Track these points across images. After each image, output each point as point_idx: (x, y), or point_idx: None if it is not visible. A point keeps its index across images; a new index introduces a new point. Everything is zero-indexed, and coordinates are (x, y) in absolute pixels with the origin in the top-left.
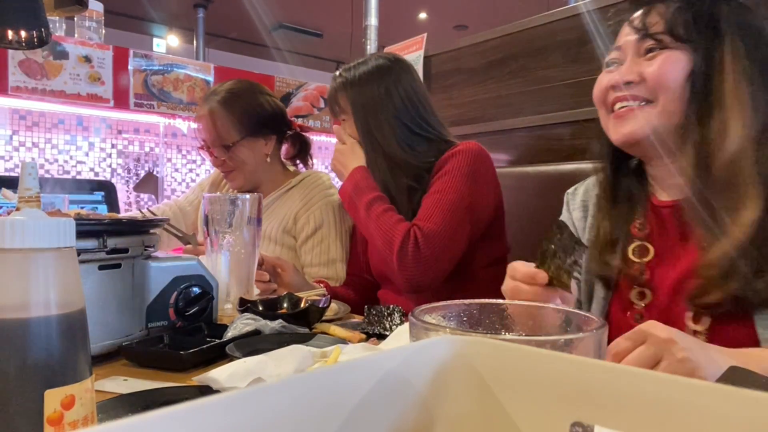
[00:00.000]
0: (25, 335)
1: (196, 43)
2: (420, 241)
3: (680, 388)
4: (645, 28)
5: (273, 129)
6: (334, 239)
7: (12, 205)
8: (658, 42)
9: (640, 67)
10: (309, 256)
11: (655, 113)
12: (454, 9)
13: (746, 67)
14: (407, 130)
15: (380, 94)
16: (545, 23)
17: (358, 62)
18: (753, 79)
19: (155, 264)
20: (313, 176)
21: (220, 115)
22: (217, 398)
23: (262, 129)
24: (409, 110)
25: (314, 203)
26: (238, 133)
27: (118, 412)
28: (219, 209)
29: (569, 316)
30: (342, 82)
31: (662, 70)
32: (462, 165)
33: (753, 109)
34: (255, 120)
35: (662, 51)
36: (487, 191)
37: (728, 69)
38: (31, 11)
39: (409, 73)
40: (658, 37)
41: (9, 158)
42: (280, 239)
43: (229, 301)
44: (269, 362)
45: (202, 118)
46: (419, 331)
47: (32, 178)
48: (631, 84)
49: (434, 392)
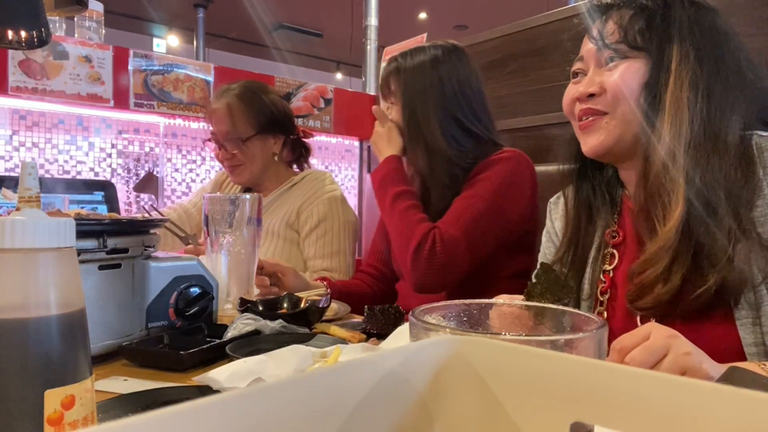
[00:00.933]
0: (25, 335)
1: (196, 43)
2: (438, 245)
3: (680, 388)
4: (602, 38)
5: (283, 129)
6: (337, 232)
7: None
8: (615, 51)
9: (601, 77)
10: (312, 249)
11: (614, 123)
12: (454, 9)
13: (694, 70)
14: (456, 124)
15: (432, 84)
16: (545, 23)
17: (416, 48)
18: (698, 83)
19: (155, 264)
20: (315, 174)
21: (237, 108)
22: (217, 398)
23: (273, 127)
24: (461, 103)
25: (317, 197)
26: (253, 127)
27: (118, 412)
28: (219, 209)
29: (569, 316)
30: (396, 66)
31: (621, 80)
32: (501, 174)
33: (690, 115)
34: (269, 118)
35: (621, 61)
36: (522, 205)
37: (673, 74)
38: (31, 11)
39: (467, 65)
40: (615, 46)
41: (9, 158)
42: (283, 234)
43: (229, 301)
44: (269, 362)
45: (216, 112)
46: (419, 331)
47: (32, 178)
48: (594, 96)
49: (434, 392)
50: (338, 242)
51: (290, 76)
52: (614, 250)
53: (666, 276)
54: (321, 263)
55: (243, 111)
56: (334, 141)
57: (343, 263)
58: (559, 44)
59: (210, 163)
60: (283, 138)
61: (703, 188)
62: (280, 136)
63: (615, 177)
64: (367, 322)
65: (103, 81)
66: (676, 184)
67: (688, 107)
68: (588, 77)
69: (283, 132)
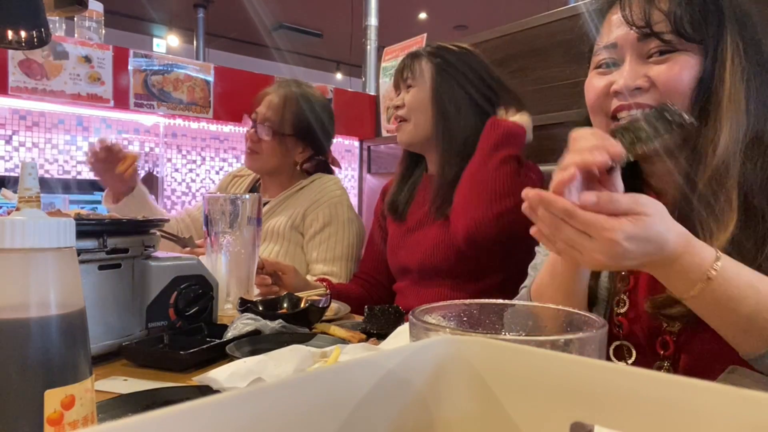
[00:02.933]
0: (25, 335)
1: (196, 43)
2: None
3: (680, 388)
4: (648, 26)
5: (314, 145)
6: (342, 238)
7: (12, 205)
8: (664, 42)
9: (647, 69)
10: (315, 252)
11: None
12: (454, 9)
13: (744, 63)
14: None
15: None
16: (545, 23)
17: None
18: (749, 76)
19: (155, 264)
20: (323, 178)
21: (291, 104)
22: (217, 398)
23: (307, 140)
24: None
25: (323, 201)
26: (293, 128)
27: (118, 412)
28: (219, 209)
29: (569, 316)
30: (431, 52)
31: (675, 75)
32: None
33: (746, 114)
34: (311, 130)
35: (672, 54)
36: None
37: (729, 69)
38: (31, 11)
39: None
40: (665, 37)
41: (9, 158)
42: (288, 235)
43: (229, 301)
44: (269, 362)
45: (270, 97)
46: (419, 331)
47: (32, 178)
48: (640, 90)
49: (434, 392)
50: (341, 247)
51: (290, 76)
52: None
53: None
54: (323, 267)
55: (293, 109)
56: (334, 141)
57: (345, 269)
58: (559, 44)
59: (210, 163)
60: (311, 152)
61: (759, 194)
62: (309, 150)
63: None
64: (367, 322)
65: (103, 81)
66: (729, 190)
67: (746, 104)
68: (628, 69)
69: (313, 147)
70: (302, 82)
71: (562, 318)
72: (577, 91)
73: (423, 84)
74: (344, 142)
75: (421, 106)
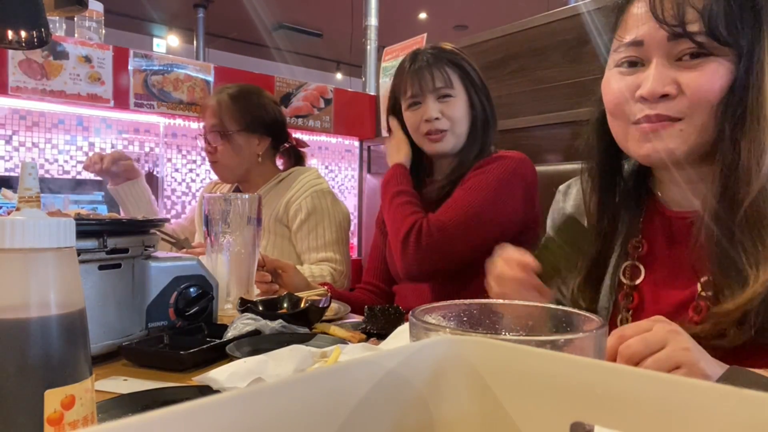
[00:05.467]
0: (25, 335)
1: (196, 44)
2: (424, 230)
3: (680, 388)
4: (681, 25)
5: (269, 132)
6: (329, 224)
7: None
8: (697, 45)
9: (676, 74)
10: (305, 242)
11: (690, 131)
12: (454, 9)
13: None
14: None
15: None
16: (545, 23)
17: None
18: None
19: (155, 264)
20: (301, 169)
21: (225, 105)
22: (217, 398)
23: (258, 129)
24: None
25: (304, 191)
26: (236, 124)
27: (118, 412)
28: (218, 209)
29: (569, 316)
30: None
31: (707, 83)
32: (503, 171)
33: None
34: (255, 119)
35: (704, 60)
36: (519, 205)
37: (766, 74)
38: (31, 11)
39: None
40: (698, 39)
41: (9, 158)
42: (273, 229)
43: (229, 301)
44: (269, 362)
45: (208, 107)
46: (419, 331)
47: (32, 178)
48: (667, 98)
49: (434, 392)
50: (330, 233)
51: (290, 76)
52: (640, 264)
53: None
54: (317, 255)
55: (230, 107)
56: (334, 141)
57: (340, 251)
58: (559, 44)
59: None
60: (269, 140)
61: None
62: (266, 138)
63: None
64: (367, 322)
65: (103, 81)
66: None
67: None
68: (655, 72)
69: (269, 135)
70: (228, 84)
71: (562, 318)
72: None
73: (459, 94)
74: (344, 142)
75: (462, 117)
